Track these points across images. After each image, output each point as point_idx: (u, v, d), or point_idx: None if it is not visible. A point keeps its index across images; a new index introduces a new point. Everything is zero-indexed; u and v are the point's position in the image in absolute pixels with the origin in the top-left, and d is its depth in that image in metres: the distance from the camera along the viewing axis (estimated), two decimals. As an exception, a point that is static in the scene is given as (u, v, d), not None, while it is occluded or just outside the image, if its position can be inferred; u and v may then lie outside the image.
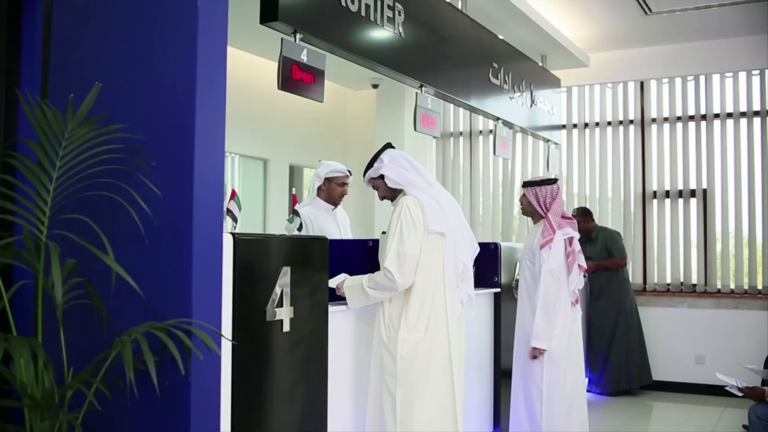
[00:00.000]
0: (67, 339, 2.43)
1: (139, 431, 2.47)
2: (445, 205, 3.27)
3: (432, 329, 3.15)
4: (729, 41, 6.80)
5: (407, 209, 3.17)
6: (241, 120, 6.91)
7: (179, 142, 2.45)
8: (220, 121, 2.53)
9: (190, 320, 2.35)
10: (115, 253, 2.36)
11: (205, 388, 2.43)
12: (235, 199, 3.20)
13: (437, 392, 3.15)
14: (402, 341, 3.12)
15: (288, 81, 3.27)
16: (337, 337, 3.26)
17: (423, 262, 3.17)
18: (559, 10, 6.06)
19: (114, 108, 2.53)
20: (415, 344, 3.13)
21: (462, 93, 4.90)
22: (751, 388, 3.80)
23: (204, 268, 2.44)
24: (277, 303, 2.79)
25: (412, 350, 3.12)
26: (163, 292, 2.44)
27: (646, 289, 7.09)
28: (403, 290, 3.16)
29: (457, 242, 3.30)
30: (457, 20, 4.88)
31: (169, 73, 2.50)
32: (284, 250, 2.86)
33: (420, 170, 3.34)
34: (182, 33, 2.47)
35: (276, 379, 2.82)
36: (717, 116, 6.92)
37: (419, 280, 3.18)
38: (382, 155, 3.37)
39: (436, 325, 3.17)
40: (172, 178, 2.44)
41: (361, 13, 3.78)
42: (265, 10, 3.19)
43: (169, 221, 2.43)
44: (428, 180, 3.32)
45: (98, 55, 2.70)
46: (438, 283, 3.19)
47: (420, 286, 3.18)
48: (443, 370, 3.17)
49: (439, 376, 3.16)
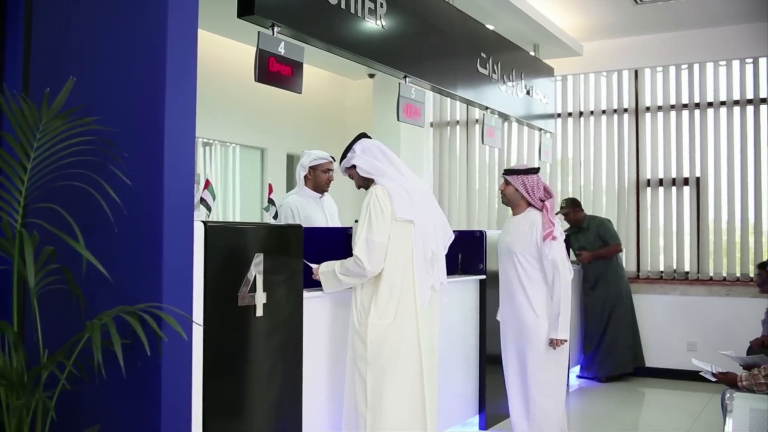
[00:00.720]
0: (47, 323, 2.55)
1: (114, 411, 2.59)
2: (414, 193, 3.35)
3: (401, 314, 3.24)
4: (722, 29, 6.81)
5: (376, 198, 3.26)
6: (238, 110, 7.01)
7: (150, 134, 2.54)
8: (190, 114, 2.62)
9: (160, 305, 2.46)
10: (89, 241, 2.48)
11: (176, 369, 2.54)
12: (209, 188, 3.30)
13: (406, 376, 3.25)
14: (372, 326, 3.22)
15: (265, 73, 3.36)
16: (314, 322, 3.37)
17: (392, 249, 3.26)
18: (549, 0, 6.09)
19: (90, 101, 2.63)
20: (385, 329, 3.22)
21: (448, 83, 4.97)
22: (724, 373, 3.86)
23: (174, 255, 2.54)
24: (250, 288, 2.89)
25: (381, 335, 3.22)
26: (135, 278, 2.55)
27: (640, 276, 7.14)
28: (374, 276, 3.25)
29: (426, 229, 3.37)
30: (443, 11, 4.94)
31: (141, 68, 2.60)
32: (257, 238, 2.96)
33: (392, 159, 3.42)
34: (153, 29, 2.56)
35: (250, 362, 2.92)
36: (710, 105, 6.95)
37: (388, 267, 3.27)
38: (355, 146, 3.45)
39: (406, 310, 3.26)
40: (144, 169, 2.54)
41: (341, 6, 3.85)
42: (242, 4, 3.26)
43: (141, 210, 2.54)
44: (400, 169, 3.40)
45: (75, 51, 2.80)
46: (407, 269, 3.28)
47: (389, 272, 3.27)
48: (412, 355, 3.26)
49: (409, 360, 3.25)
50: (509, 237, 4.25)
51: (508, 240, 4.26)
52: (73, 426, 2.55)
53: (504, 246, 4.29)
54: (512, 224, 4.28)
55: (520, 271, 4.15)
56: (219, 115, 6.84)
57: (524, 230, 4.16)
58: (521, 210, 4.22)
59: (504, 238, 4.32)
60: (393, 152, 3.46)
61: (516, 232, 4.21)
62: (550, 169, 7.51)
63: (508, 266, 4.23)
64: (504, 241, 4.31)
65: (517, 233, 4.20)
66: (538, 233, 4.09)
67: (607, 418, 5.50)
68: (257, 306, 2.92)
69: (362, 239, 3.22)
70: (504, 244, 4.29)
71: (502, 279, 4.30)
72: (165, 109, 2.52)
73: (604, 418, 5.47)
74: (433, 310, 3.44)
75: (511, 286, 4.19)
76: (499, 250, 4.35)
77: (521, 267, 4.14)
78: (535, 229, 4.10)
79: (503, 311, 4.30)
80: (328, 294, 3.40)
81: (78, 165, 2.50)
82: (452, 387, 4.58)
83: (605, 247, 6.66)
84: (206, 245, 2.71)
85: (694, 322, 6.82)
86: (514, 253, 4.17)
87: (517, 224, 4.22)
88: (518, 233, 4.19)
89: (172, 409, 2.53)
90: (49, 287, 2.55)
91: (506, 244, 4.26)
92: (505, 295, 4.26)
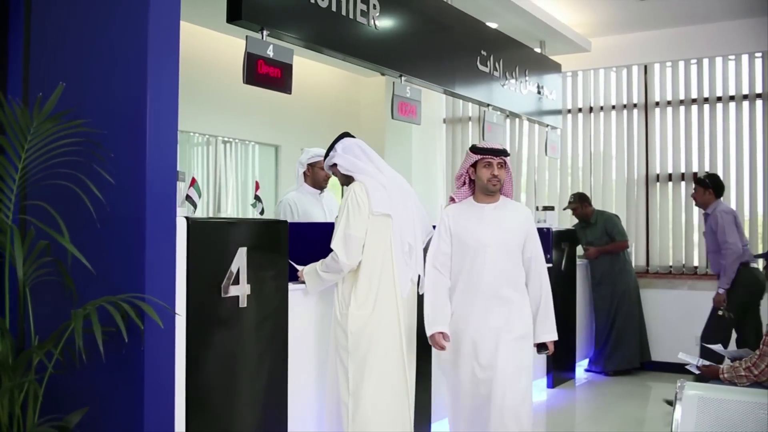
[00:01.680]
0: (42, 312, 2.75)
1: (102, 394, 2.76)
2: (392, 189, 3.51)
3: (380, 305, 3.38)
4: (731, 24, 6.80)
5: (354, 194, 3.42)
6: (254, 108, 7.19)
7: (134, 136, 2.71)
8: (172, 117, 2.78)
9: (143, 295, 2.63)
10: (80, 236, 2.68)
11: (158, 355, 2.71)
12: (195, 186, 3.47)
13: (387, 364, 3.39)
14: (352, 317, 3.36)
15: (254, 75, 3.50)
16: (300, 314, 3.52)
17: (370, 242, 3.41)
18: (553, -2, 6.16)
19: (80, 105, 2.81)
20: (365, 319, 3.36)
21: (446, 81, 5.07)
22: (707, 366, 3.92)
23: (157, 248, 2.71)
24: (233, 281, 3.05)
25: (361, 325, 3.36)
26: (121, 271, 2.72)
27: (649, 271, 7.17)
28: (354, 270, 3.40)
29: (404, 223, 3.52)
30: (440, 10, 5.04)
31: (126, 74, 2.76)
32: (240, 233, 3.11)
33: (372, 157, 3.58)
34: (136, 39, 2.72)
35: (234, 350, 3.08)
36: (719, 99, 6.94)
37: (367, 260, 3.42)
38: (337, 145, 3.62)
39: (385, 301, 3.40)
40: (128, 168, 2.71)
41: (332, 8, 3.98)
42: (230, 9, 3.41)
43: (125, 207, 2.71)
44: (379, 166, 3.56)
45: (68, 58, 2.98)
46: (386, 261, 3.43)
47: (368, 265, 3.42)
48: (393, 343, 3.41)
49: (389, 349, 3.39)
50: (490, 230, 3.54)
51: (490, 233, 3.54)
52: (64, 408, 2.73)
53: (479, 242, 3.54)
54: (485, 214, 3.58)
55: (511, 269, 3.56)
56: (236, 114, 7.03)
57: (510, 217, 3.60)
58: (497, 197, 3.63)
59: (480, 230, 3.54)
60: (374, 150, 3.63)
61: (496, 222, 3.56)
62: (560, 164, 7.56)
63: (492, 265, 3.52)
64: (481, 234, 3.53)
65: (498, 224, 3.56)
66: (528, 221, 3.63)
67: (614, 410, 5.58)
68: (241, 297, 3.08)
69: (339, 233, 3.38)
70: (486, 238, 3.53)
71: (471, 280, 3.54)
72: (147, 112, 2.68)
73: (611, 411, 5.55)
74: (411, 300, 3.59)
75: (495, 289, 3.51)
76: (469, 245, 3.55)
77: (508, 262, 3.55)
78: (523, 217, 3.63)
79: (481, 317, 3.52)
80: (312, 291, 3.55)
81: (67, 165, 2.68)
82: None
83: (612, 243, 6.70)
84: (189, 240, 2.87)
85: (702, 316, 6.82)
86: (494, 248, 3.52)
87: (501, 211, 3.60)
88: (502, 223, 3.57)
89: (154, 393, 2.70)
90: (43, 279, 2.73)
91: (478, 240, 3.54)
92: (485, 298, 3.51)
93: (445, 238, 3.60)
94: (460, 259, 3.58)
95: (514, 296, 3.54)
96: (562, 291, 6.00)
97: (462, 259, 3.57)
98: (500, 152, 3.56)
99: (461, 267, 3.57)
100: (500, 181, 3.57)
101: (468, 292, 3.55)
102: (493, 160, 3.55)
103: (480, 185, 3.60)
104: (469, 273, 3.54)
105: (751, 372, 3.66)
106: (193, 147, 7.26)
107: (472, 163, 3.60)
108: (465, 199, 3.69)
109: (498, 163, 3.55)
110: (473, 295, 3.54)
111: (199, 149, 7.33)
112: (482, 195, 3.63)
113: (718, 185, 5.74)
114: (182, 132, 7.00)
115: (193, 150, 7.28)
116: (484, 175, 3.56)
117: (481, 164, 3.57)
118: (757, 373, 3.65)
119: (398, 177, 3.64)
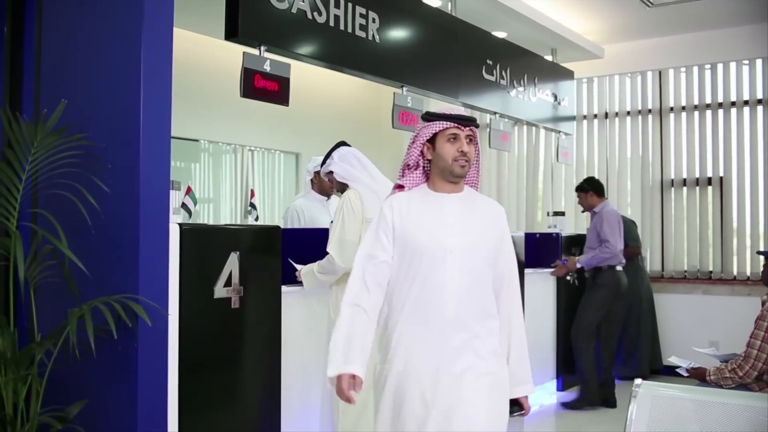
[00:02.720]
0: (48, 312, 2.98)
1: (100, 388, 2.98)
2: (384, 195, 3.65)
3: None
4: (745, 28, 6.79)
5: (348, 201, 3.59)
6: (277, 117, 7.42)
7: (129, 149, 2.92)
8: (165, 130, 2.99)
9: (135, 296, 2.83)
10: (81, 241, 2.91)
11: (151, 352, 2.91)
12: (191, 194, 3.69)
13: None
14: None
15: (251, 89, 3.69)
16: (296, 313, 3.71)
17: None
18: (561, 7, 6.24)
19: (81, 120, 3.04)
20: None
21: (449, 90, 5.21)
22: (695, 368, 3.99)
23: (150, 252, 2.92)
24: (225, 283, 3.25)
25: None
26: (117, 273, 2.94)
27: (664, 276, 7.19)
28: (347, 272, 3.56)
29: None
30: (442, 21, 5.18)
31: (121, 90, 2.98)
32: (232, 238, 3.31)
33: (366, 166, 3.76)
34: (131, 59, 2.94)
35: (226, 349, 3.28)
36: (733, 104, 6.94)
37: None
38: (333, 153, 3.79)
39: None
40: (124, 179, 2.93)
41: (330, 24, 4.16)
42: (228, 26, 3.62)
43: (121, 214, 2.92)
44: (372, 175, 3.73)
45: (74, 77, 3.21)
46: None
47: None
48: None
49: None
50: (454, 230, 2.52)
51: (454, 234, 2.52)
52: (65, 400, 2.95)
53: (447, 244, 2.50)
54: (446, 208, 2.56)
55: (480, 288, 2.54)
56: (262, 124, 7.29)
57: (485, 213, 2.63)
58: (460, 187, 2.62)
59: (440, 230, 2.52)
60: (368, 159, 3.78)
61: (468, 220, 2.56)
62: (576, 170, 7.63)
63: (443, 278, 2.48)
64: (441, 234, 2.51)
65: (473, 223, 2.56)
66: (502, 219, 2.66)
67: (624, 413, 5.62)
68: (233, 299, 3.27)
69: (335, 238, 3.56)
70: (448, 241, 2.50)
71: (424, 301, 2.49)
72: (140, 127, 2.89)
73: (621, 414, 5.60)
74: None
75: (465, 316, 2.47)
76: (424, 250, 2.50)
77: (481, 280, 2.54)
78: (497, 215, 2.65)
79: (438, 358, 2.45)
80: (309, 290, 3.73)
81: (68, 176, 2.91)
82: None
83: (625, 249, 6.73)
84: (182, 244, 3.07)
85: (716, 321, 6.83)
86: (472, 252, 2.52)
87: (465, 209, 2.58)
88: (476, 224, 2.57)
89: (148, 387, 2.90)
90: (48, 280, 2.97)
91: (458, 241, 2.51)
92: (444, 330, 2.46)
93: (385, 239, 2.54)
94: (408, 271, 2.50)
95: (485, 327, 2.51)
96: (573, 294, 6.10)
97: (410, 270, 2.50)
98: (469, 120, 2.55)
99: (409, 282, 2.49)
100: (469, 161, 2.53)
101: (418, 320, 2.47)
102: (460, 132, 2.52)
103: (440, 167, 2.55)
104: (422, 290, 2.47)
105: (736, 374, 3.73)
106: (222, 155, 7.62)
107: (429, 136, 2.55)
108: (416, 186, 2.63)
109: (467, 136, 2.53)
110: (426, 325, 2.47)
111: (228, 157, 7.66)
112: (441, 181, 2.57)
113: (597, 186, 5.93)
114: (212, 142, 7.40)
115: (223, 158, 7.64)
116: (447, 153, 2.52)
117: (443, 137, 2.52)
118: (741, 375, 3.72)
119: (390, 184, 3.80)
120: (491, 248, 2.57)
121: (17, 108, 3.36)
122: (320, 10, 4.06)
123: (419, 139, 2.58)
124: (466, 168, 2.54)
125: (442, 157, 2.53)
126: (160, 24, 2.98)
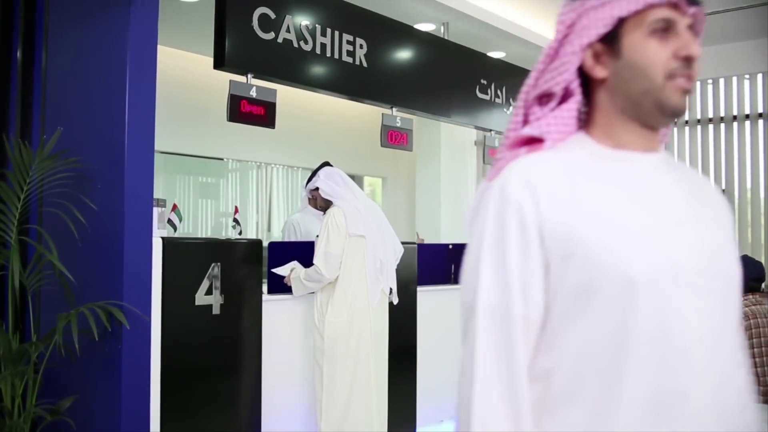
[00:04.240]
0: (46, 314, 3.35)
1: (89, 385, 3.32)
2: (366, 213, 3.98)
3: (354, 314, 3.87)
4: (746, 44, 6.91)
5: (333, 217, 3.90)
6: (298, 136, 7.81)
7: (114, 170, 3.27)
8: (148, 152, 3.33)
9: (118, 302, 3.17)
10: (72, 253, 3.26)
11: (135, 353, 3.24)
12: (176, 211, 4.00)
13: (357, 365, 3.85)
14: (329, 323, 3.84)
15: (237, 114, 4.00)
16: (281, 319, 4.01)
17: (346, 259, 3.88)
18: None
19: (76, 144, 3.40)
20: (340, 326, 3.84)
21: (440, 111, 5.45)
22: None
23: (133, 263, 3.25)
24: (206, 292, 3.56)
25: (336, 331, 3.83)
26: (104, 282, 3.28)
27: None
28: (331, 282, 3.87)
29: (376, 243, 3.97)
30: (432, 44, 5.42)
31: (109, 117, 3.33)
32: (213, 251, 3.63)
33: (349, 185, 4.07)
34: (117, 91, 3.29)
35: (207, 353, 3.59)
36: (735, 118, 7.05)
37: (343, 274, 3.89)
38: (320, 171, 4.11)
39: (358, 310, 3.88)
40: (110, 197, 3.27)
41: (316, 51, 4.45)
42: (216, 56, 3.94)
43: (108, 229, 3.27)
44: (355, 193, 4.04)
45: (71, 106, 3.59)
46: (360, 275, 3.90)
47: (344, 278, 3.89)
48: (363, 347, 3.87)
49: (360, 352, 3.86)
50: (682, 231, 1.16)
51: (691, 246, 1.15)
52: (59, 395, 3.29)
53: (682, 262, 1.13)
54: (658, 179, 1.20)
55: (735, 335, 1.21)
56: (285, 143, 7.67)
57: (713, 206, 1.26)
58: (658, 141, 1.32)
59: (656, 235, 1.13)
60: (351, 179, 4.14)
61: (704, 208, 1.24)
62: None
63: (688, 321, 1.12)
64: (667, 246, 1.13)
65: (710, 214, 1.24)
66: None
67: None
68: (213, 305, 3.59)
69: (321, 251, 3.87)
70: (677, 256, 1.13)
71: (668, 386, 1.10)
72: (125, 149, 3.24)
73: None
74: (382, 309, 4.04)
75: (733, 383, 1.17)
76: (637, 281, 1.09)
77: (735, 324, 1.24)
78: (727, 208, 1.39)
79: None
80: (294, 297, 4.05)
81: (61, 195, 3.27)
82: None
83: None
84: (164, 256, 3.40)
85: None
86: (725, 288, 1.18)
87: (683, 187, 1.22)
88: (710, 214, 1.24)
89: (131, 385, 3.23)
90: (48, 288, 3.33)
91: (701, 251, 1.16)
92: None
93: (525, 265, 1.12)
94: (604, 333, 1.09)
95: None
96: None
97: (606, 327, 1.09)
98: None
99: (612, 355, 1.09)
100: (693, 79, 1.18)
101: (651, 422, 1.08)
102: (678, 16, 1.17)
103: (636, 94, 1.19)
104: (651, 365, 1.08)
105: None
106: (248, 171, 8.11)
107: (605, 28, 1.18)
108: (565, 141, 1.23)
109: (688, 26, 1.18)
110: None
111: (253, 173, 8.13)
112: (627, 129, 1.22)
113: None
114: (239, 161, 7.88)
115: (249, 174, 8.13)
116: (655, 60, 1.16)
117: (640, 27, 1.16)
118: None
119: (370, 202, 4.13)
120: (737, 266, 1.22)
121: (27, 133, 3.75)
122: (306, 39, 4.36)
123: (578, 37, 1.21)
124: (691, 93, 1.20)
125: (643, 71, 1.17)
126: (144, 57, 3.32)
